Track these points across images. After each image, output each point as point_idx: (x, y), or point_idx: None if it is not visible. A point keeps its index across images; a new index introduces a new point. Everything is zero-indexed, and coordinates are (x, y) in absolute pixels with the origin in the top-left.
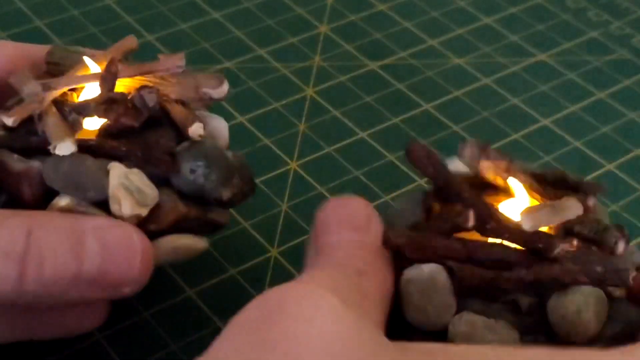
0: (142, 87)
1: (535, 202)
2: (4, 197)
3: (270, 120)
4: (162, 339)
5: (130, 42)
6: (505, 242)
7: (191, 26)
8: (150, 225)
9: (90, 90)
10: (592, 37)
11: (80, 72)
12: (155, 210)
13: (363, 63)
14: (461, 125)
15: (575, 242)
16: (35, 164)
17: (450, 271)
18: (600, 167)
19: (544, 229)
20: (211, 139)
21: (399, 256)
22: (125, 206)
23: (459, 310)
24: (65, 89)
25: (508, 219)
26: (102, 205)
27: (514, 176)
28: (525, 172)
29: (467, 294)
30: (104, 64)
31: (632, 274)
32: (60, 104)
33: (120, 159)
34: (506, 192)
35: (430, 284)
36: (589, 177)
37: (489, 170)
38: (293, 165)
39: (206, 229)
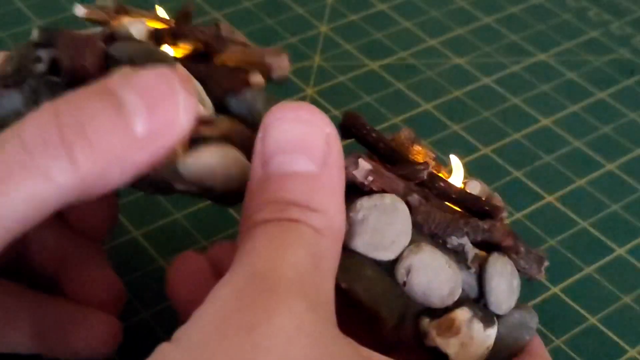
0: (216, 25)
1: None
2: (44, 66)
3: None
4: (162, 339)
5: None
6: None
7: None
8: (204, 130)
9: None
10: (593, 37)
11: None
12: (210, 121)
13: (363, 63)
14: (461, 125)
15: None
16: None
17: (410, 207)
18: (600, 167)
19: None
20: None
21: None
22: None
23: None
24: (137, 16)
25: (452, 184)
26: None
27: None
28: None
29: (418, 231)
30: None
31: (545, 264)
32: None
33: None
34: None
35: (392, 208)
36: (589, 177)
37: (419, 155)
38: None
39: None
